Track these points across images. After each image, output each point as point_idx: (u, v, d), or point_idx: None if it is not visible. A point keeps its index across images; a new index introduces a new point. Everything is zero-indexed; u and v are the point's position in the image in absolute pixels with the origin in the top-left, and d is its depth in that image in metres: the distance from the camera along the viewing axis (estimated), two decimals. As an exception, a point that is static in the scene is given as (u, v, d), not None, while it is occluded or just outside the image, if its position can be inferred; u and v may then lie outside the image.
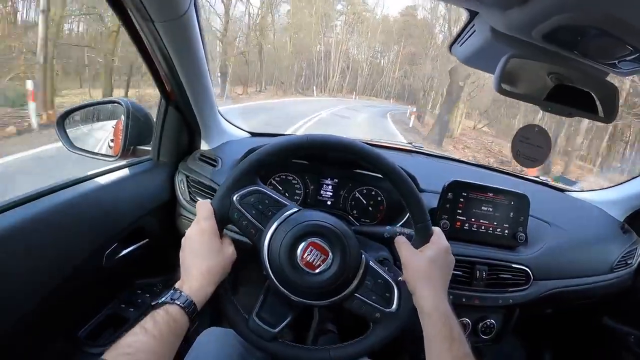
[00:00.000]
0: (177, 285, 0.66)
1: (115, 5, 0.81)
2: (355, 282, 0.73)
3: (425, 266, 0.71)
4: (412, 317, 0.72)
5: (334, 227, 0.73)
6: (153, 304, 0.62)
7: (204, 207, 0.72)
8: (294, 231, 0.71)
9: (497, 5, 0.59)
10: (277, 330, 0.74)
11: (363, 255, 0.75)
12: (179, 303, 0.62)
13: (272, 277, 0.72)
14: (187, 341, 0.86)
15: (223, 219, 0.73)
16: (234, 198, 0.73)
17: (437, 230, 0.77)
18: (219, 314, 0.73)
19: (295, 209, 0.75)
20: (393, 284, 0.75)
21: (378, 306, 0.74)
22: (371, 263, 0.76)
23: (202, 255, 0.68)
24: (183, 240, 0.71)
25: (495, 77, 0.67)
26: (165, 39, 0.89)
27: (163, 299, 0.63)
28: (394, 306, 0.74)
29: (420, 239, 0.76)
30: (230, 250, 0.72)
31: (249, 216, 0.73)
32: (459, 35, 0.78)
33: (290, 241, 0.70)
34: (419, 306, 0.70)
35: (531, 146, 0.82)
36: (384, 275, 0.75)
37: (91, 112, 1.28)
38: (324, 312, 1.35)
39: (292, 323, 0.76)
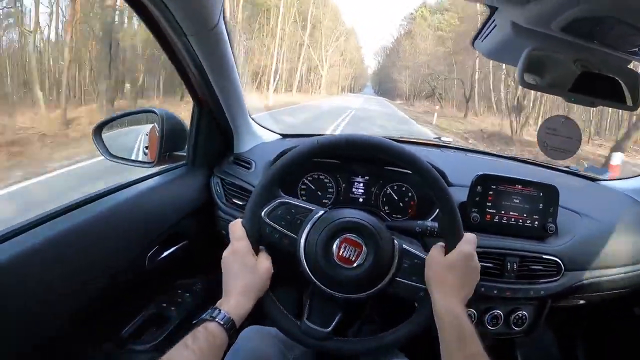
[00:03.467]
0: (217, 303, 0.70)
1: (149, 22, 0.86)
2: (393, 268, 0.75)
3: (440, 271, 0.73)
4: None
5: (364, 221, 0.76)
6: (194, 322, 0.67)
7: (235, 228, 0.76)
8: (326, 230, 0.74)
9: (515, 0, 0.61)
10: (329, 329, 0.77)
11: (396, 241, 0.78)
12: (217, 320, 0.66)
13: (314, 279, 0.75)
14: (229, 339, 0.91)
15: (256, 237, 0.76)
16: (262, 214, 0.77)
17: (467, 236, 0.77)
18: (260, 314, 0.77)
19: (322, 211, 0.78)
20: None
21: (420, 285, 0.76)
22: (404, 246, 0.78)
23: (237, 275, 0.72)
24: (222, 262, 0.75)
25: (519, 71, 0.69)
26: (198, 50, 0.95)
27: (203, 316, 0.67)
28: None
29: (450, 247, 0.76)
30: (266, 265, 0.75)
31: (280, 228, 0.77)
32: (480, 30, 0.80)
33: (324, 240, 0.74)
34: (432, 308, 0.72)
35: (559, 137, 0.81)
36: (420, 254, 0.77)
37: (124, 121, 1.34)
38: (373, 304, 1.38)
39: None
